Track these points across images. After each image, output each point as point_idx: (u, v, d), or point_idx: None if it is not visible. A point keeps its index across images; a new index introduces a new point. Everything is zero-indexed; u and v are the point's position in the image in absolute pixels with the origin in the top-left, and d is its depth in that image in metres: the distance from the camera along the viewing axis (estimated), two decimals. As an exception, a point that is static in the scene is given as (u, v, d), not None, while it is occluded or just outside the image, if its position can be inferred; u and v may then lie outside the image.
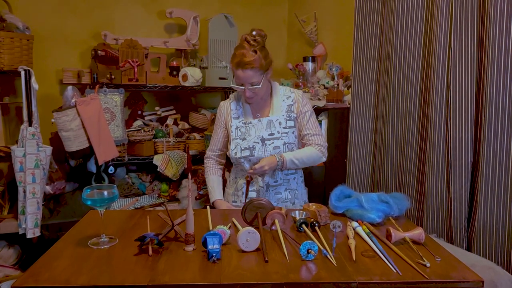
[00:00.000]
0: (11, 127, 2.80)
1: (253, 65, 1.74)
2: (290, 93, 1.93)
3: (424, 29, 2.10)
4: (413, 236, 1.35)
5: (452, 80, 1.91)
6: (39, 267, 1.17)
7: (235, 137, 1.89)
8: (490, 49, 1.75)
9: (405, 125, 2.22)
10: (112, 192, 1.33)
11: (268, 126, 1.87)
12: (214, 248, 1.21)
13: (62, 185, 2.80)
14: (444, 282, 1.11)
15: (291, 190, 1.93)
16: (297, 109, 1.91)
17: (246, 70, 1.74)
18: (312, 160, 1.89)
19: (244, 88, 1.79)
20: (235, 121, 1.91)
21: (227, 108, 1.96)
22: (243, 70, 1.75)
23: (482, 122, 1.82)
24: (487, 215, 1.81)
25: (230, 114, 1.93)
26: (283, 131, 1.87)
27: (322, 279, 1.11)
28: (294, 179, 1.94)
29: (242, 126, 1.90)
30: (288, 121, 1.88)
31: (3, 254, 2.61)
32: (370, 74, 2.41)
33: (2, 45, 2.39)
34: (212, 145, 2.02)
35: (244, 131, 1.88)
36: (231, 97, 1.98)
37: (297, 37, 3.51)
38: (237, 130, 1.90)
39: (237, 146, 1.87)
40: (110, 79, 2.71)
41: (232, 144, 1.89)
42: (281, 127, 1.87)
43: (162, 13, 3.20)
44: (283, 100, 1.91)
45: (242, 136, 1.88)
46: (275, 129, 1.87)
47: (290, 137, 1.87)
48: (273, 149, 1.85)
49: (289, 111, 1.89)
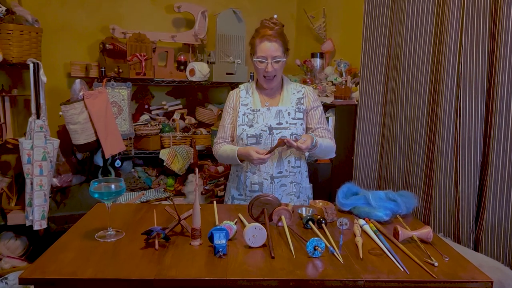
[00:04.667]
0: (19, 119, 2.82)
1: (278, 38, 1.79)
2: (300, 87, 1.96)
3: (435, 26, 2.08)
4: (421, 235, 1.33)
5: (462, 78, 1.89)
6: (46, 259, 1.17)
7: (242, 123, 1.88)
8: (502, 47, 1.72)
9: (414, 123, 2.19)
10: (119, 186, 1.33)
11: (277, 115, 1.87)
12: (221, 243, 1.21)
13: (69, 178, 2.81)
14: (452, 282, 1.10)
15: (297, 184, 1.92)
16: (307, 103, 1.92)
17: (272, 42, 1.78)
18: (329, 152, 1.91)
19: (267, 62, 1.79)
20: (243, 107, 1.91)
21: (237, 94, 1.96)
22: (269, 41, 1.78)
23: (492, 121, 1.80)
24: (495, 215, 1.79)
25: (239, 101, 1.93)
26: (292, 122, 1.86)
27: (329, 277, 1.10)
28: (299, 173, 1.93)
29: (250, 113, 1.89)
30: (297, 112, 1.89)
31: (10, 245, 2.63)
32: (378, 71, 2.38)
33: (11, 37, 2.40)
34: (220, 132, 1.99)
35: (252, 118, 1.88)
36: (241, 86, 1.99)
37: (305, 33, 3.49)
38: (244, 116, 1.89)
39: (243, 132, 1.86)
40: (117, 72, 2.71)
41: (238, 130, 1.88)
42: (289, 118, 1.87)
43: (170, 7, 3.19)
44: (293, 93, 1.93)
45: (249, 123, 1.87)
46: (283, 119, 1.86)
47: (298, 129, 1.87)
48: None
49: (298, 103, 1.91)
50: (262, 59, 1.80)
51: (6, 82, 2.84)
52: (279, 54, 1.80)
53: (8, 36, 2.39)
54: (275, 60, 1.80)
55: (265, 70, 1.81)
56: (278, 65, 1.81)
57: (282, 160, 1.88)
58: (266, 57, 1.79)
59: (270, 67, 1.80)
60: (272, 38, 1.79)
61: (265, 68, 1.81)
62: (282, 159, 1.88)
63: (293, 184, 1.91)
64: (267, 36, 1.79)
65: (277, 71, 1.83)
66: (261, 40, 1.80)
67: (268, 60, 1.79)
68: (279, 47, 1.80)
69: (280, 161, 1.88)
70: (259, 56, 1.81)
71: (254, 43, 1.83)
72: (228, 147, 1.91)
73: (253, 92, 1.93)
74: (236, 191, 1.97)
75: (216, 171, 2.99)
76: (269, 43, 1.78)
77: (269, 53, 1.79)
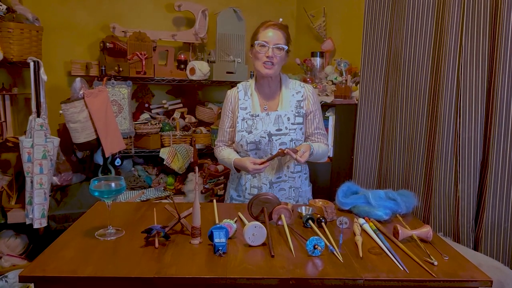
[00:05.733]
0: (20, 117, 2.82)
1: (282, 29, 1.82)
2: (300, 87, 1.91)
3: (435, 26, 2.08)
4: (420, 234, 1.34)
5: (462, 79, 1.89)
6: (46, 257, 1.17)
7: (241, 129, 1.86)
8: (502, 48, 1.72)
9: (413, 122, 2.19)
10: (120, 184, 1.33)
11: (276, 121, 1.84)
12: (220, 241, 1.21)
13: (69, 177, 2.81)
14: (452, 280, 1.10)
15: (296, 188, 1.91)
16: (307, 106, 1.89)
17: (276, 30, 1.79)
18: (321, 157, 1.92)
19: (268, 47, 1.77)
20: (242, 111, 1.88)
21: (235, 96, 1.92)
22: (273, 29, 1.79)
23: (492, 121, 1.80)
24: (495, 214, 1.80)
25: (238, 104, 1.90)
26: (291, 127, 1.84)
27: (329, 275, 1.10)
28: (299, 177, 1.92)
29: (249, 118, 1.86)
30: (297, 117, 1.86)
31: (10, 243, 2.64)
32: (378, 71, 2.38)
33: (12, 36, 2.39)
34: (220, 135, 1.98)
35: (251, 123, 1.85)
36: (239, 86, 1.95)
37: (305, 32, 3.48)
38: (243, 122, 1.86)
39: (242, 139, 1.85)
40: (118, 71, 2.71)
41: (238, 136, 1.86)
42: (289, 123, 1.84)
43: (170, 6, 3.19)
44: (292, 95, 1.89)
45: (248, 129, 1.85)
46: (283, 125, 1.84)
47: (298, 134, 1.85)
48: (279, 145, 1.82)
49: (298, 106, 1.87)
50: (264, 43, 1.78)
51: (6, 81, 2.84)
52: (282, 42, 1.79)
53: (8, 34, 2.39)
54: (277, 46, 1.78)
55: (265, 54, 1.78)
56: (279, 52, 1.78)
57: (282, 166, 1.87)
58: (268, 42, 1.78)
59: (271, 51, 1.77)
60: (277, 27, 1.80)
61: (266, 52, 1.78)
62: (282, 165, 1.87)
63: (292, 189, 1.90)
64: (272, 25, 1.80)
65: (277, 58, 1.79)
66: (265, 28, 1.80)
67: (270, 45, 1.78)
68: (282, 37, 1.80)
69: (280, 167, 1.87)
70: (261, 40, 1.79)
71: (257, 31, 1.83)
72: (226, 153, 1.91)
73: (252, 94, 1.90)
74: (235, 192, 1.96)
75: (216, 170, 2.99)
76: (273, 30, 1.79)
77: (271, 40, 1.78)
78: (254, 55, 1.84)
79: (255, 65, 1.85)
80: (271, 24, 1.81)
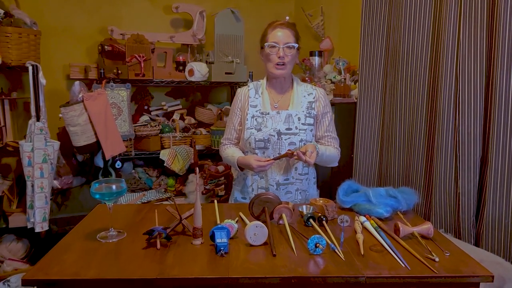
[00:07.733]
0: (19, 122, 2.82)
1: (290, 28, 1.80)
2: (311, 89, 1.90)
3: (433, 22, 2.08)
4: (421, 230, 1.34)
5: (461, 74, 1.89)
6: (48, 261, 1.17)
7: (250, 126, 1.83)
8: (500, 42, 1.73)
9: (413, 119, 2.20)
10: (121, 186, 1.33)
11: (287, 120, 1.81)
12: (222, 241, 1.21)
13: (69, 180, 2.82)
14: (453, 276, 1.11)
15: (303, 191, 1.87)
16: (318, 107, 1.86)
17: (284, 29, 1.79)
18: (331, 161, 1.88)
19: (279, 47, 1.77)
20: (252, 109, 1.85)
21: (245, 94, 1.90)
22: (282, 28, 1.79)
23: (491, 117, 1.80)
24: (496, 210, 1.80)
25: (248, 101, 1.87)
26: (302, 128, 1.81)
27: (331, 273, 1.11)
28: (306, 180, 1.88)
29: (259, 116, 1.83)
30: (308, 118, 1.83)
31: (12, 247, 2.64)
32: (377, 69, 2.39)
33: (10, 40, 2.40)
34: (227, 133, 1.95)
35: (261, 121, 1.82)
36: (250, 85, 1.93)
37: (303, 31, 3.48)
38: (253, 119, 1.83)
39: (251, 136, 1.81)
40: (116, 74, 2.71)
41: (246, 133, 1.83)
42: (299, 123, 1.81)
43: (168, 8, 3.19)
44: (304, 96, 1.86)
45: (258, 126, 1.82)
46: (293, 124, 1.80)
47: (308, 135, 1.81)
48: (288, 145, 1.78)
49: (309, 107, 1.84)
50: (274, 44, 1.77)
51: (5, 85, 2.84)
52: (291, 40, 1.78)
53: (6, 39, 2.39)
54: (287, 45, 1.77)
55: (276, 55, 1.77)
56: (290, 51, 1.78)
57: (290, 167, 1.84)
58: (278, 42, 1.77)
59: (282, 51, 1.76)
60: (284, 26, 1.79)
61: (277, 53, 1.77)
62: (290, 166, 1.84)
63: (298, 191, 1.86)
64: (279, 24, 1.79)
65: (289, 57, 1.78)
66: (273, 29, 1.79)
67: (280, 45, 1.77)
68: (291, 35, 1.79)
69: (288, 168, 1.83)
70: (271, 42, 1.78)
71: (266, 33, 1.82)
72: (231, 151, 1.88)
73: (263, 92, 1.87)
74: (240, 194, 1.92)
75: (216, 170, 2.99)
76: (281, 30, 1.78)
77: (281, 39, 1.77)
78: (265, 57, 1.82)
79: (267, 67, 1.84)
80: (279, 23, 1.80)
